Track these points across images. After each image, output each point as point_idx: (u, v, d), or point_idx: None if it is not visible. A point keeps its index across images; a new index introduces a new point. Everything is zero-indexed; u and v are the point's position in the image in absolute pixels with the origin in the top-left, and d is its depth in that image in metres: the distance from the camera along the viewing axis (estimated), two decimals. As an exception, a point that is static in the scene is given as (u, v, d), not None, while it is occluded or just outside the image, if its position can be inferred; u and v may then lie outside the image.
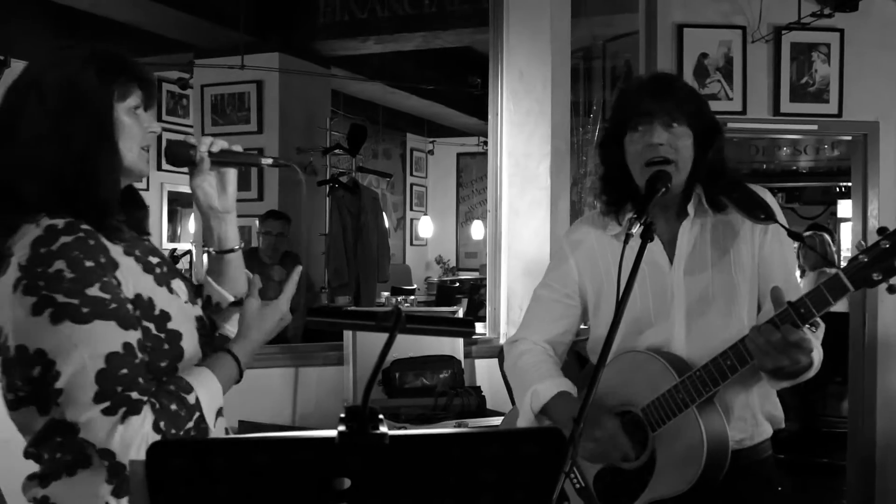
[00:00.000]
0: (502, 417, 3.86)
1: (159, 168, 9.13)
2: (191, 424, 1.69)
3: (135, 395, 1.62)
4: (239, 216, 2.04)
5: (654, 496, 2.18)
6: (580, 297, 2.41)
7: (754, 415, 2.25)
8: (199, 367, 1.76)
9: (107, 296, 1.63)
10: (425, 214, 13.21)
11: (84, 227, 1.67)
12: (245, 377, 1.89)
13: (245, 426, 3.68)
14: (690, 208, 2.24)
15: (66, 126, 1.70)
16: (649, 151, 2.17)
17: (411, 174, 13.15)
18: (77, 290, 1.60)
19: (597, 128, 5.86)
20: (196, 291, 1.97)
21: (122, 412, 1.60)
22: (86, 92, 1.73)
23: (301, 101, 7.74)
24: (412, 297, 9.41)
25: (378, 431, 1.11)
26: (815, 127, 5.05)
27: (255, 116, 7.52)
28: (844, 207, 10.03)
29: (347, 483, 1.12)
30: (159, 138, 2.03)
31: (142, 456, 1.49)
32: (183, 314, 1.80)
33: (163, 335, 1.73)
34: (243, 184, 8.13)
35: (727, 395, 2.17)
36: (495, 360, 4.10)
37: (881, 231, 1.87)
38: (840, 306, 2.15)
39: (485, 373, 4.36)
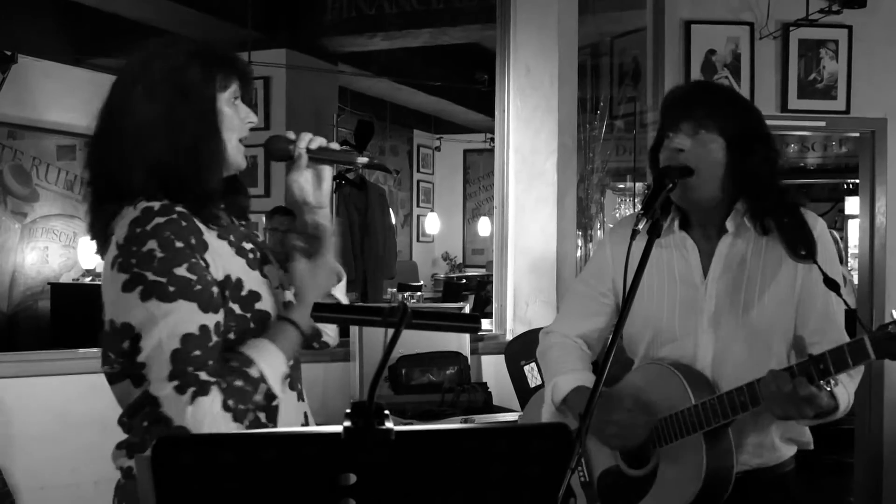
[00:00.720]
0: (509, 413, 3.87)
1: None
2: (259, 397, 1.73)
3: (203, 375, 1.67)
4: (246, 212, 2.05)
5: None
6: (614, 294, 2.37)
7: (773, 441, 2.20)
8: (258, 339, 1.78)
9: (193, 276, 1.69)
10: (432, 211, 13.20)
11: (179, 209, 1.72)
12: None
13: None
14: (730, 224, 2.17)
15: (174, 118, 1.77)
16: (670, 158, 2.13)
17: (418, 171, 13.14)
18: (166, 270, 1.67)
19: (603, 124, 5.85)
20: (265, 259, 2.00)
21: (191, 392, 1.65)
22: (191, 84, 1.79)
23: (308, 98, 7.74)
24: (419, 294, 9.41)
25: (384, 427, 1.11)
26: (822, 124, 5.04)
27: (263, 112, 7.52)
28: (852, 204, 10.00)
29: (354, 478, 1.12)
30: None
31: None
32: (272, 298, 1.84)
33: (249, 315, 1.79)
34: (250, 180, 8.11)
35: (747, 422, 2.12)
36: (502, 357, 4.11)
37: None
38: (849, 303, 2.11)
39: (491, 369, 4.36)
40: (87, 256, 8.12)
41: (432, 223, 12.86)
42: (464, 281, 11.67)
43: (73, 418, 3.52)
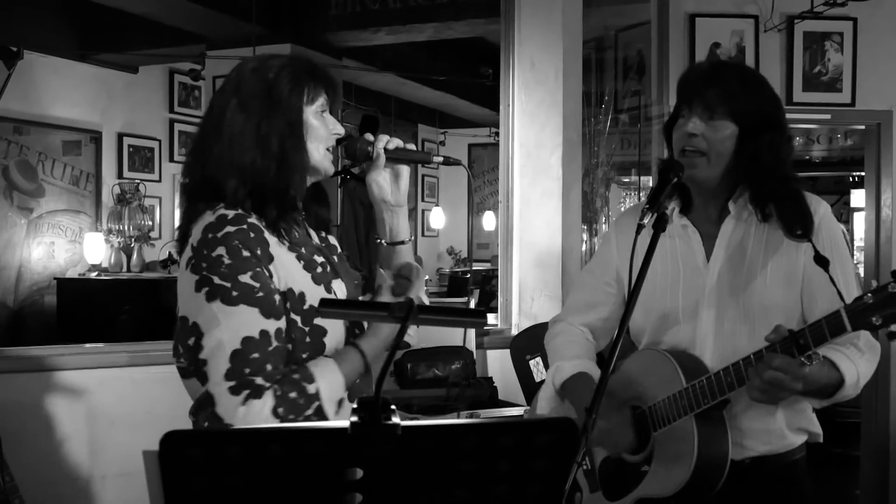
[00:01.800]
0: (514, 408, 3.88)
1: (171, 160, 9.21)
2: (310, 412, 1.78)
3: (259, 380, 1.74)
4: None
5: (645, 493, 2.20)
6: (620, 285, 2.38)
7: (780, 429, 2.18)
8: (325, 359, 1.85)
9: (256, 284, 1.78)
10: (437, 205, 13.19)
11: (251, 220, 1.83)
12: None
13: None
14: (732, 207, 2.17)
15: (264, 128, 1.87)
16: (684, 140, 2.13)
17: (423, 165, 13.12)
18: (231, 275, 1.77)
19: (608, 118, 5.85)
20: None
21: (245, 394, 1.73)
22: (280, 95, 1.89)
23: (313, 92, 7.73)
24: (424, 288, 9.40)
25: (391, 422, 1.11)
26: (828, 116, 5.03)
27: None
28: (858, 197, 9.97)
29: (360, 473, 1.13)
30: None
31: None
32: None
33: (307, 328, 1.85)
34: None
35: (753, 407, 2.11)
36: (507, 351, 4.11)
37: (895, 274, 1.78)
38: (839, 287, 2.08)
39: (497, 363, 4.36)
40: (92, 252, 8.13)
41: (437, 218, 12.85)
42: (469, 275, 11.67)
43: (80, 413, 3.54)
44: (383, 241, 2.14)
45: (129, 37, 8.02)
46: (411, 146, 2.12)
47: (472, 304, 8.28)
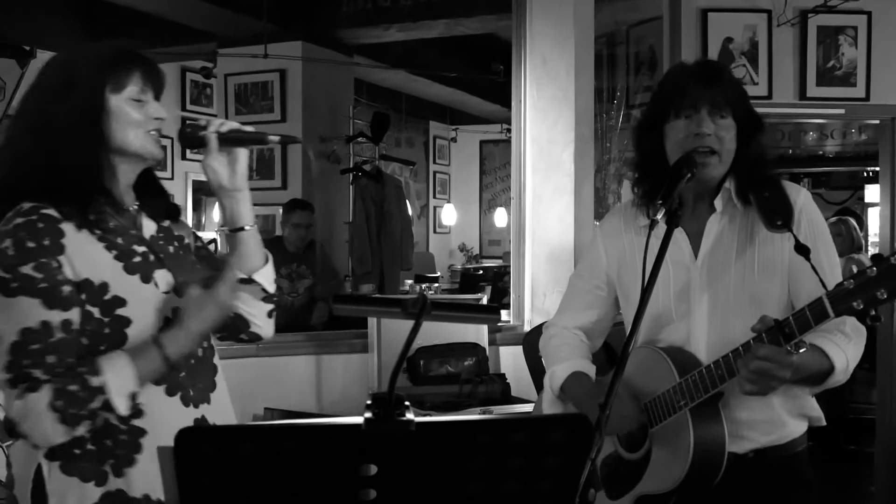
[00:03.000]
0: (527, 405, 3.87)
1: (183, 157, 9.23)
2: (96, 405, 1.75)
3: (37, 372, 1.73)
4: (263, 204, 2.07)
5: (644, 490, 2.21)
6: (610, 287, 2.40)
7: (781, 417, 2.19)
8: (117, 352, 1.81)
9: (39, 275, 1.75)
10: (448, 202, 13.19)
11: (45, 211, 1.78)
12: (270, 365, 1.91)
13: (270, 413, 3.70)
14: (718, 203, 2.18)
15: (51, 118, 1.83)
16: (695, 141, 2.11)
17: (434, 162, 13.12)
18: (12, 266, 1.74)
19: (620, 114, 5.83)
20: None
21: (22, 387, 1.72)
22: (76, 83, 1.85)
23: (324, 90, 7.74)
24: (436, 285, 9.41)
25: (404, 418, 1.11)
26: (842, 111, 5.00)
27: (279, 105, 7.52)
28: (872, 192, 9.95)
29: (374, 469, 1.12)
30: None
31: (33, 429, 1.69)
32: (147, 303, 1.86)
33: (106, 320, 1.81)
34: (267, 172, 8.10)
35: (745, 399, 2.10)
36: (520, 348, 4.10)
37: (875, 258, 1.80)
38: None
39: (509, 360, 4.36)
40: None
41: (449, 214, 12.85)
42: (481, 272, 11.67)
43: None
44: (226, 229, 2.08)
45: (140, 35, 8.03)
46: (249, 128, 2.04)
47: (485, 301, 8.28)
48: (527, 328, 4.39)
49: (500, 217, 12.50)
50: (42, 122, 1.84)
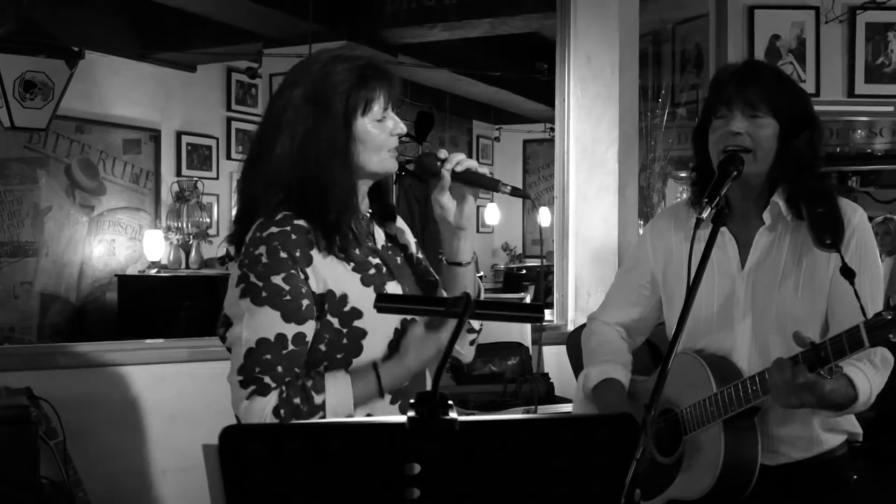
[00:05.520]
0: (570, 404, 3.86)
1: (228, 157, 9.31)
2: (314, 420, 1.79)
3: (267, 379, 1.80)
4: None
5: (674, 495, 2.20)
6: (654, 287, 2.37)
7: (818, 435, 2.16)
8: (343, 374, 1.86)
9: (286, 287, 1.81)
10: (492, 202, 13.17)
11: (297, 222, 1.84)
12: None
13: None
14: (766, 216, 2.14)
15: (305, 145, 1.86)
16: (727, 139, 2.09)
17: (478, 161, 13.10)
18: (265, 275, 1.81)
19: (665, 112, 5.79)
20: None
21: (251, 389, 1.80)
22: (327, 110, 1.87)
23: (368, 90, 7.77)
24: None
25: (448, 417, 1.11)
26: (891, 108, 4.94)
27: (324, 105, 7.57)
28: (922, 191, 9.77)
29: (418, 468, 1.12)
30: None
31: None
32: (382, 316, 1.85)
33: (344, 330, 1.86)
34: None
35: (783, 416, 2.10)
36: (563, 347, 4.08)
37: None
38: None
39: (553, 359, 4.35)
40: (151, 249, 8.25)
41: (492, 214, 12.82)
42: (524, 271, 11.63)
43: (141, 408, 3.59)
44: (445, 260, 2.09)
45: (187, 36, 8.12)
46: (483, 170, 2.06)
47: (528, 301, 8.26)
48: (570, 327, 4.38)
49: (544, 216, 12.47)
50: (296, 147, 1.86)
